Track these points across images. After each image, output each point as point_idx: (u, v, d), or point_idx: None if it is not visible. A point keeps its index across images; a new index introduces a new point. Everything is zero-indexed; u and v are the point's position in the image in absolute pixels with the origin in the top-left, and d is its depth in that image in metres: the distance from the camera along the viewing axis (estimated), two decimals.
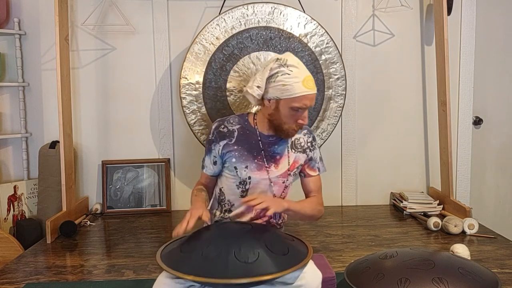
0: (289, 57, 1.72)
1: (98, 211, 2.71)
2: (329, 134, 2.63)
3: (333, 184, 2.83)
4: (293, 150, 1.85)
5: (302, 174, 1.92)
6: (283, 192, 1.88)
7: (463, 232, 2.26)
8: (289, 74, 1.67)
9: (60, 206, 2.45)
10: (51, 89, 2.68)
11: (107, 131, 2.77)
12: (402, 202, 2.64)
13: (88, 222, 2.51)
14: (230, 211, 1.87)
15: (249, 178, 1.81)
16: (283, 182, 1.85)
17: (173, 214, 2.70)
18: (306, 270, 1.40)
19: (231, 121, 1.85)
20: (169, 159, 2.77)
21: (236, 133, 1.82)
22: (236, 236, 1.46)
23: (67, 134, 2.44)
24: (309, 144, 1.89)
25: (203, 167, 1.90)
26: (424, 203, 2.60)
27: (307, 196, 1.94)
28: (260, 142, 1.81)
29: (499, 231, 2.28)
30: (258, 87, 1.72)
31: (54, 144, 2.63)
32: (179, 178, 2.81)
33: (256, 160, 1.80)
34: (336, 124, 2.63)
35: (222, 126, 1.84)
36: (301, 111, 1.72)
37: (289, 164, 1.84)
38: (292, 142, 1.86)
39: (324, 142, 2.65)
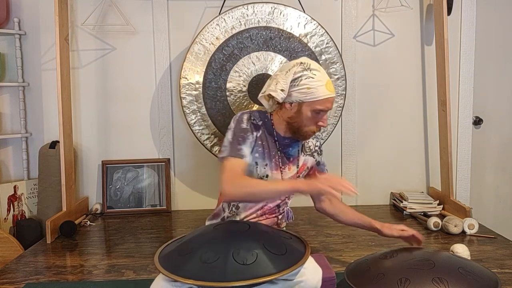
0: (311, 62, 1.76)
1: (98, 211, 2.71)
2: (329, 134, 2.63)
3: None
4: (303, 153, 1.89)
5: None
6: (292, 194, 1.88)
7: (463, 232, 2.26)
8: (313, 78, 1.70)
9: (60, 206, 2.45)
10: (51, 89, 2.68)
11: (107, 131, 2.77)
12: (402, 202, 2.64)
13: (88, 222, 2.51)
14: (238, 207, 1.86)
15: (266, 176, 1.80)
16: None
17: (173, 214, 2.70)
18: (306, 266, 1.43)
19: (257, 115, 1.83)
20: (169, 159, 2.77)
21: (261, 129, 1.82)
22: (234, 237, 1.46)
23: (67, 134, 2.44)
24: (317, 148, 1.94)
25: (242, 156, 1.70)
26: (424, 203, 2.60)
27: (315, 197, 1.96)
28: (277, 143, 1.82)
29: (499, 231, 2.28)
30: (282, 90, 1.72)
31: (54, 144, 2.63)
32: (179, 178, 2.81)
33: (274, 160, 1.81)
34: (336, 124, 2.63)
35: (252, 118, 1.81)
36: (322, 114, 1.74)
37: (298, 167, 1.86)
38: (302, 145, 1.89)
39: (324, 142, 2.64)
